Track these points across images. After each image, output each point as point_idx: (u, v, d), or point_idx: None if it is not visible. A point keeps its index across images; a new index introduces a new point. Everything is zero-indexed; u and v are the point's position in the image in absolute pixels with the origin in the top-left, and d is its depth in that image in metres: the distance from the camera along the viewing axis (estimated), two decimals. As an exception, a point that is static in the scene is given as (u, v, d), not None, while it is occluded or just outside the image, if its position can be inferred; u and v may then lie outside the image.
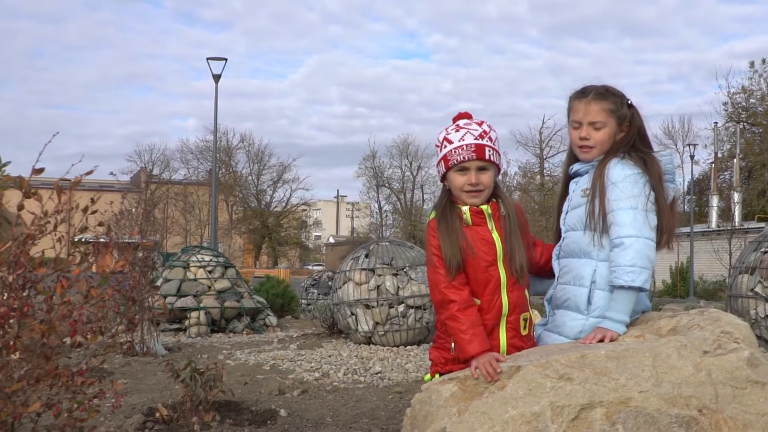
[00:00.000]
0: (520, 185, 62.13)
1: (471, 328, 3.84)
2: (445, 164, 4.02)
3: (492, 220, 4.01)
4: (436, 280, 3.97)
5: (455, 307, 3.87)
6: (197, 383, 7.01)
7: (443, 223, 3.98)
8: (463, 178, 3.97)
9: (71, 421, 4.23)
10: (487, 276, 3.96)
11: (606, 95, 4.07)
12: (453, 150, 3.99)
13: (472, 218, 3.98)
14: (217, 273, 16.75)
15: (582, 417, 3.41)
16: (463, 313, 3.86)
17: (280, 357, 11.77)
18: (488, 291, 3.96)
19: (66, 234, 4.46)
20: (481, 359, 3.76)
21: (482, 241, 3.97)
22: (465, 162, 3.95)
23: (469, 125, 4.04)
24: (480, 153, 3.96)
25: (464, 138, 3.99)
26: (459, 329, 3.86)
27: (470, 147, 3.96)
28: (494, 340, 3.95)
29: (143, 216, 12.37)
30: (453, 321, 3.88)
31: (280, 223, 77.42)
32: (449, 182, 4.05)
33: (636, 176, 3.90)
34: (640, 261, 3.76)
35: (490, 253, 3.96)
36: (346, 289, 13.55)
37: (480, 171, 3.97)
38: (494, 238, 3.98)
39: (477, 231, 3.98)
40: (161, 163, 75.35)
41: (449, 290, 3.90)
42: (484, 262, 3.95)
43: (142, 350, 11.97)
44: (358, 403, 8.27)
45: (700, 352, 3.60)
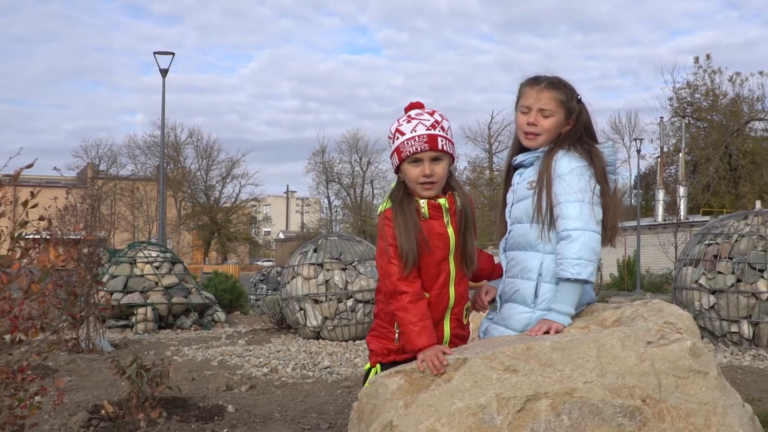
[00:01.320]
0: (469, 180, 62.47)
1: (421, 321, 3.83)
2: (398, 156, 3.98)
3: (448, 215, 4.00)
4: (388, 270, 3.93)
5: (407, 299, 3.85)
6: (143, 380, 6.94)
7: (401, 215, 3.93)
8: (417, 170, 3.93)
9: (12, 418, 4.17)
10: (439, 270, 3.97)
11: (558, 85, 4.08)
12: (405, 141, 3.94)
13: (429, 212, 3.96)
14: (165, 269, 16.61)
15: (528, 408, 3.42)
16: (415, 305, 3.85)
17: (229, 353, 11.69)
18: (438, 285, 3.98)
19: (5, 229, 4.38)
20: (428, 352, 3.76)
21: (437, 236, 3.95)
22: (418, 153, 3.91)
23: (421, 115, 3.99)
24: (432, 143, 3.92)
25: (416, 129, 3.94)
26: (409, 321, 3.84)
27: (422, 138, 3.92)
28: (439, 331, 3.97)
29: (88, 211, 12.19)
30: (404, 312, 3.86)
31: (230, 218, 77.02)
32: (403, 174, 4.01)
33: (582, 168, 3.90)
34: (587, 254, 3.77)
35: (444, 248, 3.96)
36: (295, 284, 13.50)
37: (433, 161, 3.93)
38: (449, 233, 3.98)
39: (433, 225, 3.96)
40: (108, 158, 74.66)
41: (402, 282, 3.87)
42: (437, 257, 3.95)
43: (88, 347, 11.81)
44: (307, 398, 8.24)
45: (643, 342, 3.62)
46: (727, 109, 58.89)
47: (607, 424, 3.40)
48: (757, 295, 11.62)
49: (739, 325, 11.76)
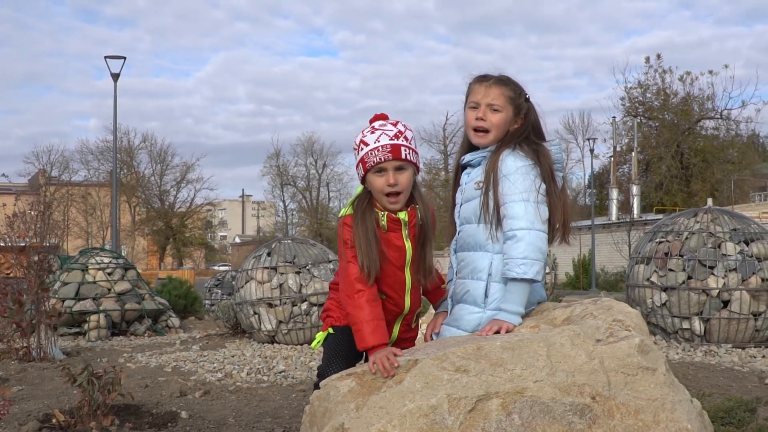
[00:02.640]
0: (425, 181, 62.68)
1: (374, 320, 3.93)
2: (363, 167, 4.06)
3: (407, 228, 4.10)
4: (347, 271, 4.03)
5: (363, 297, 3.97)
6: (95, 387, 6.85)
7: (361, 226, 4.02)
8: (382, 179, 4.02)
9: (-44, 429, 4.09)
10: (395, 279, 4.11)
11: (507, 82, 4.11)
12: (369, 152, 4.03)
13: (388, 224, 4.07)
14: (117, 275, 16.43)
15: (479, 408, 3.43)
16: (370, 305, 3.95)
17: (182, 358, 11.59)
18: (395, 293, 4.14)
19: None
20: (379, 354, 3.81)
21: (395, 248, 4.08)
22: (382, 162, 3.99)
23: (384, 126, 4.09)
24: (396, 153, 4.00)
25: (380, 139, 4.02)
26: (363, 318, 3.93)
27: (386, 147, 4.00)
28: (389, 332, 4.08)
29: (38, 218, 12.03)
30: (358, 310, 3.96)
31: (185, 223, 76.53)
32: (369, 185, 4.09)
33: (527, 168, 3.92)
34: (532, 253, 3.78)
35: (399, 259, 4.09)
36: (249, 288, 13.43)
37: (397, 171, 4.02)
38: (406, 246, 4.10)
39: (391, 237, 4.09)
40: (60, 164, 73.91)
41: (359, 282, 3.97)
42: (393, 267, 4.07)
43: (39, 355, 11.63)
44: (262, 402, 8.19)
45: (593, 340, 3.65)
46: (678, 108, 59.60)
47: (557, 422, 3.42)
48: (708, 292, 11.76)
49: (691, 321, 11.88)
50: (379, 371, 3.76)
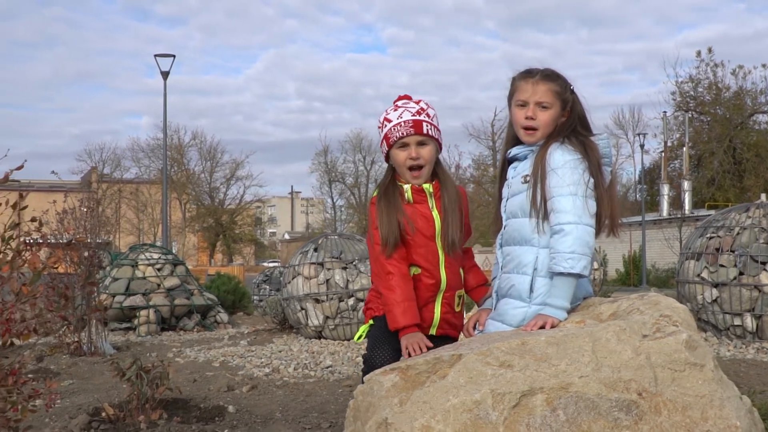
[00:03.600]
0: (473, 177, 62.46)
1: (405, 301, 4.06)
2: (387, 143, 4.24)
3: (433, 199, 4.23)
4: (374, 252, 4.19)
5: (393, 279, 4.10)
6: (143, 381, 6.91)
7: (384, 199, 4.20)
8: (404, 153, 4.18)
9: (5, 421, 4.15)
10: (427, 250, 4.19)
11: (553, 77, 4.05)
12: (392, 128, 4.20)
13: (413, 196, 4.20)
14: (166, 271, 16.58)
15: (523, 404, 3.39)
16: (399, 285, 4.09)
17: (230, 353, 11.66)
18: (429, 265, 4.20)
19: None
20: (410, 339, 4.00)
21: (422, 218, 4.19)
22: (404, 137, 4.16)
23: (407, 104, 4.26)
24: (418, 128, 4.17)
25: (402, 115, 4.19)
26: (394, 300, 4.07)
27: (408, 123, 4.17)
28: (429, 312, 4.23)
29: (88, 214, 12.16)
30: (389, 291, 4.10)
31: (234, 220, 76.99)
32: (393, 160, 4.26)
33: (576, 162, 3.87)
34: (580, 248, 3.74)
35: (428, 229, 4.19)
36: (296, 283, 13.47)
37: (419, 145, 4.18)
38: (434, 216, 4.20)
39: (417, 208, 4.21)
40: (112, 162, 74.71)
41: (388, 262, 4.11)
42: (423, 238, 4.17)
43: (90, 350, 11.78)
44: (308, 397, 8.21)
45: (639, 335, 3.59)
46: (731, 103, 58.78)
47: (603, 418, 3.37)
48: (760, 288, 11.58)
49: (742, 318, 11.71)
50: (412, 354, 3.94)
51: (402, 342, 4.04)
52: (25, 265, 4.28)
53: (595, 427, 3.36)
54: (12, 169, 4.41)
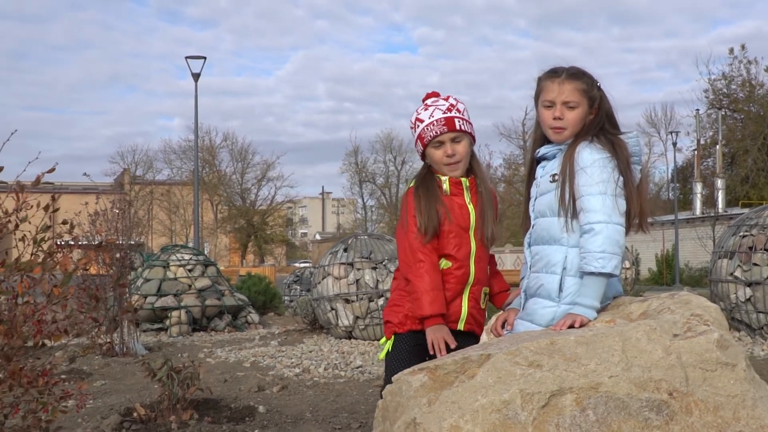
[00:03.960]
0: (505, 177, 62.28)
1: (433, 290, 4.10)
2: (422, 142, 4.30)
3: (469, 193, 4.28)
4: (409, 240, 4.20)
5: (423, 267, 4.13)
6: (174, 382, 6.95)
7: (422, 188, 4.24)
8: (440, 151, 4.24)
9: (36, 421, 4.17)
10: (461, 242, 4.21)
11: (579, 75, 4.01)
12: (425, 127, 4.26)
13: (450, 188, 4.25)
14: (197, 271, 16.66)
15: (552, 404, 3.36)
16: (429, 274, 4.12)
17: (261, 354, 11.70)
18: (460, 257, 4.22)
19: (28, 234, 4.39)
20: (437, 332, 4.07)
21: (458, 208, 4.23)
22: (438, 136, 4.22)
23: (437, 102, 4.31)
24: (450, 125, 4.23)
25: (433, 114, 4.25)
26: (423, 288, 4.10)
27: (440, 121, 4.23)
28: (456, 307, 4.23)
29: (119, 216, 12.24)
30: (418, 279, 4.12)
31: (266, 221, 77.17)
32: (429, 159, 4.32)
33: (605, 160, 3.83)
34: (610, 247, 3.71)
35: (464, 220, 4.22)
36: (326, 284, 13.49)
37: (454, 142, 4.23)
38: (470, 209, 4.25)
39: (454, 200, 4.25)
40: (144, 163, 75.17)
41: (420, 251, 4.15)
42: (458, 228, 4.20)
43: (122, 351, 11.88)
44: (338, 397, 8.22)
45: (670, 335, 3.56)
46: (765, 100, 58.20)
47: (633, 418, 3.34)
48: (795, 287, 11.45)
49: (777, 317, 11.58)
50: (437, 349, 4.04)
51: (427, 334, 4.10)
52: (57, 266, 4.31)
53: (626, 428, 3.33)
54: (43, 172, 4.43)
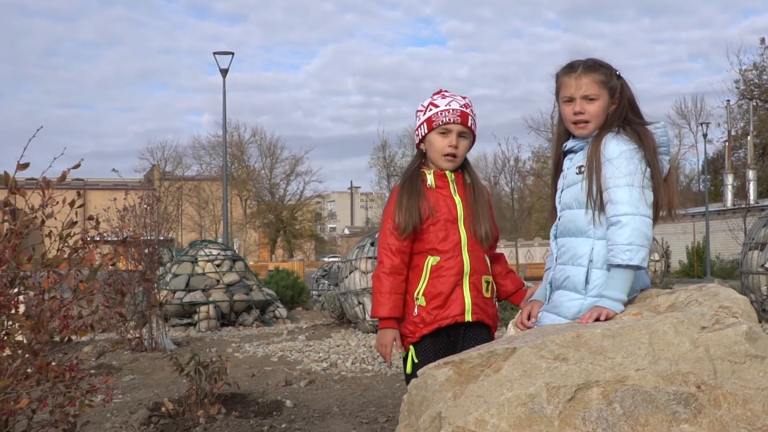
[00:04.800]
0: (533, 170, 61.97)
1: (389, 293, 4.18)
2: (428, 125, 4.30)
3: (455, 185, 4.31)
4: (380, 239, 4.32)
5: (381, 269, 4.22)
6: (202, 376, 6.98)
7: (408, 185, 4.27)
8: (445, 140, 4.27)
9: (63, 416, 4.19)
10: (447, 233, 4.23)
11: (595, 67, 3.97)
12: (439, 112, 4.28)
13: (435, 181, 4.29)
14: (226, 266, 16.72)
15: (578, 397, 3.33)
16: (387, 278, 4.20)
17: (289, 348, 11.73)
18: (449, 249, 4.22)
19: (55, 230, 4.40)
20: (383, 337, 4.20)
21: (443, 200, 4.26)
22: (449, 124, 4.26)
23: (455, 95, 4.36)
24: (464, 118, 4.28)
25: (450, 104, 4.30)
26: (379, 290, 4.20)
27: (456, 111, 4.27)
28: (458, 299, 4.21)
29: (147, 212, 12.30)
30: (377, 280, 4.24)
31: (295, 216, 77.34)
32: (428, 144, 4.34)
33: (631, 152, 3.80)
34: (638, 239, 3.68)
35: (450, 212, 4.25)
36: (353, 278, 13.50)
37: (460, 136, 4.29)
38: (456, 200, 4.27)
39: (439, 193, 4.28)
40: (173, 159, 75.51)
41: (384, 253, 4.24)
42: (444, 221, 4.23)
43: (151, 346, 11.95)
44: (366, 391, 8.22)
45: (697, 327, 3.51)
46: (796, 90, 57.65)
47: (661, 411, 3.31)
48: (827, 279, 11.32)
49: (809, 309, 11.46)
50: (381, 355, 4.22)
51: (377, 336, 4.25)
52: (83, 262, 4.32)
53: (653, 421, 3.29)
54: (69, 168, 4.44)
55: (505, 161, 56.09)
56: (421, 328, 4.20)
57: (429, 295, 4.20)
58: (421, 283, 4.22)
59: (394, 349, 4.23)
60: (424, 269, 4.22)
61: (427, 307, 4.20)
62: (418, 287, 4.22)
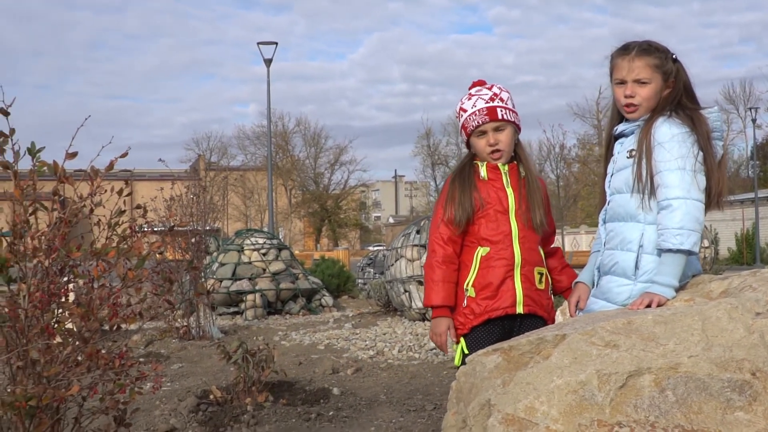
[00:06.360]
0: (578, 157, 61.54)
1: (442, 282, 4.18)
2: (465, 132, 4.33)
3: (508, 177, 4.27)
4: (430, 229, 4.33)
5: (434, 258, 4.22)
6: (249, 364, 7.01)
7: (459, 178, 4.27)
8: (483, 141, 4.26)
9: (114, 403, 4.23)
10: (498, 224, 4.19)
11: (650, 50, 3.91)
12: (468, 117, 4.29)
13: (488, 173, 4.26)
14: (271, 255, 16.79)
15: (630, 384, 3.29)
16: (440, 266, 4.19)
17: (335, 336, 11.75)
18: (499, 239, 4.19)
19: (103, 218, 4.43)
20: (437, 326, 4.22)
21: (495, 191, 4.23)
22: (481, 126, 4.24)
23: (480, 91, 4.35)
24: (492, 114, 4.25)
25: (476, 104, 4.29)
26: (431, 278, 4.20)
27: (482, 111, 4.26)
28: (508, 290, 4.17)
29: (193, 201, 12.38)
30: (429, 269, 4.23)
31: (339, 205, 77.54)
32: (474, 148, 4.34)
33: (684, 135, 3.74)
34: (689, 223, 3.62)
35: (501, 203, 4.21)
36: (399, 266, 13.49)
37: (496, 131, 4.25)
38: (508, 192, 4.23)
39: (491, 184, 4.25)
40: (219, 150, 75.97)
41: (435, 242, 4.23)
42: (495, 212, 4.20)
43: (198, 334, 12.04)
44: (413, 379, 8.21)
45: (752, 313, 3.45)
46: None
47: (714, 399, 3.25)
48: None
49: None
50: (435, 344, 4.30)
51: (431, 325, 4.27)
52: (131, 250, 4.35)
53: (707, 408, 3.24)
54: (116, 157, 4.47)
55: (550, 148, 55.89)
56: (471, 320, 4.18)
57: (479, 285, 4.17)
58: (471, 273, 4.19)
59: (450, 338, 4.23)
60: (474, 260, 4.19)
61: (477, 298, 4.17)
62: (468, 278, 4.19)
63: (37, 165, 4.22)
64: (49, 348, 4.03)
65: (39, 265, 4.08)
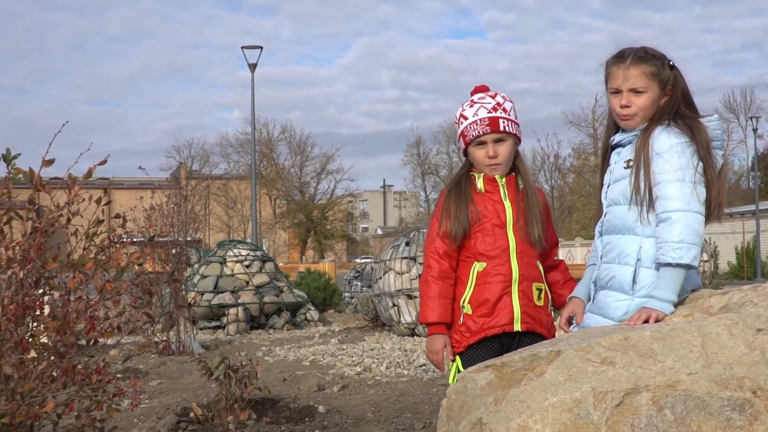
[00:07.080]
0: (573, 167, 61.59)
1: (438, 298, 4.10)
2: (464, 140, 4.24)
3: (505, 189, 4.18)
4: (426, 243, 4.28)
5: (429, 273, 4.13)
6: (231, 381, 6.90)
7: (455, 190, 4.18)
8: (482, 152, 4.16)
9: (90, 420, 4.12)
10: (495, 239, 4.10)
11: (646, 58, 3.82)
12: (469, 126, 4.19)
13: (485, 185, 4.18)
14: (255, 267, 16.66)
15: (627, 402, 3.21)
16: (436, 282, 4.11)
17: (321, 352, 11.66)
18: (496, 254, 4.09)
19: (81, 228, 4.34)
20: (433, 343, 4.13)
21: (492, 204, 4.14)
22: (481, 136, 4.15)
23: (483, 99, 4.23)
24: (494, 125, 4.15)
25: (478, 113, 4.18)
26: (427, 294, 4.12)
27: (484, 121, 4.15)
28: (506, 307, 4.08)
29: (174, 211, 12.26)
30: (425, 285, 4.15)
31: (326, 215, 77.31)
32: (471, 157, 4.27)
33: (683, 145, 3.66)
34: (689, 237, 3.54)
35: (498, 217, 4.12)
36: (387, 279, 13.39)
37: (497, 143, 4.16)
38: (506, 205, 4.14)
39: (488, 197, 4.17)
40: (200, 158, 75.69)
41: (431, 257, 4.15)
42: (492, 225, 4.11)
43: (178, 349, 11.89)
44: (401, 397, 8.12)
45: (753, 329, 3.38)
46: None
47: (714, 418, 3.17)
48: None
49: None
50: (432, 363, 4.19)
51: (426, 343, 4.20)
52: (109, 262, 4.25)
53: (706, 428, 3.17)
54: (95, 165, 4.36)
55: (544, 158, 55.98)
56: (468, 338, 4.10)
57: (475, 302, 4.08)
58: (467, 290, 4.11)
59: (446, 356, 4.14)
60: (470, 275, 4.11)
61: (473, 315, 4.08)
62: (464, 294, 4.11)
63: (12, 172, 4.18)
64: (23, 363, 3.97)
65: (13, 277, 4.01)
